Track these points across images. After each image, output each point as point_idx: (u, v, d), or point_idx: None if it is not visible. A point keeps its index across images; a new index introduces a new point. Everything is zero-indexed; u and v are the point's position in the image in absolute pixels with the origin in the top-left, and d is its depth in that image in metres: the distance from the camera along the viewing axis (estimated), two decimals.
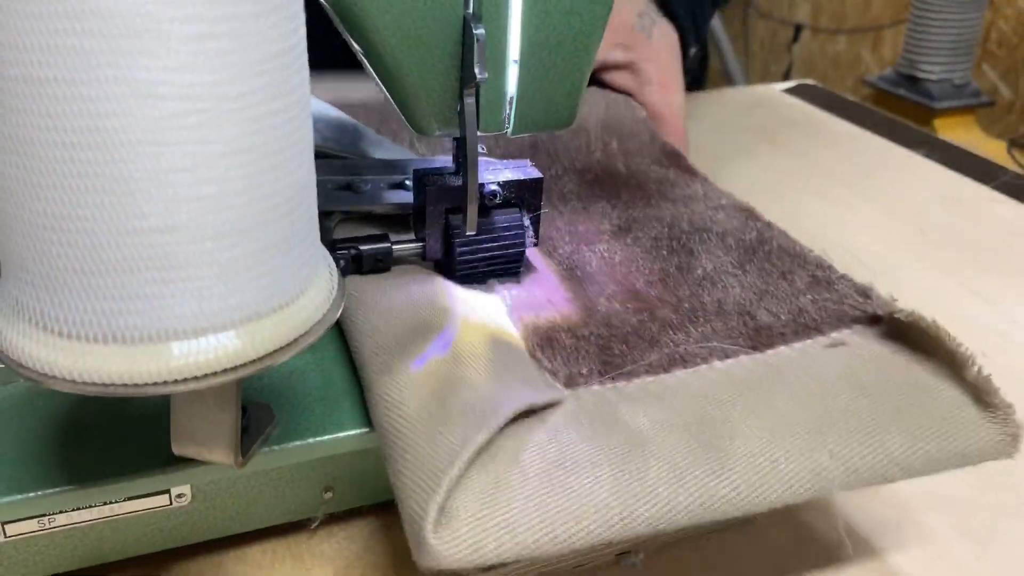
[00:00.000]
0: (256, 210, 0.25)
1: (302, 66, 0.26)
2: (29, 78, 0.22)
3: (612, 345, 0.37)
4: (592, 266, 0.44)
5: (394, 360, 0.35)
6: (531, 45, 0.38)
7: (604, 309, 0.40)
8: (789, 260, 0.44)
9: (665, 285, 0.42)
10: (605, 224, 0.48)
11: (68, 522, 0.33)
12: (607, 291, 0.41)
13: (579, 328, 0.39)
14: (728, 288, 0.42)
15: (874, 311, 0.38)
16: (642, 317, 0.39)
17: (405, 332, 0.37)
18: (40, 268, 0.24)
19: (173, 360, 0.25)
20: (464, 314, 0.38)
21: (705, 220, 0.49)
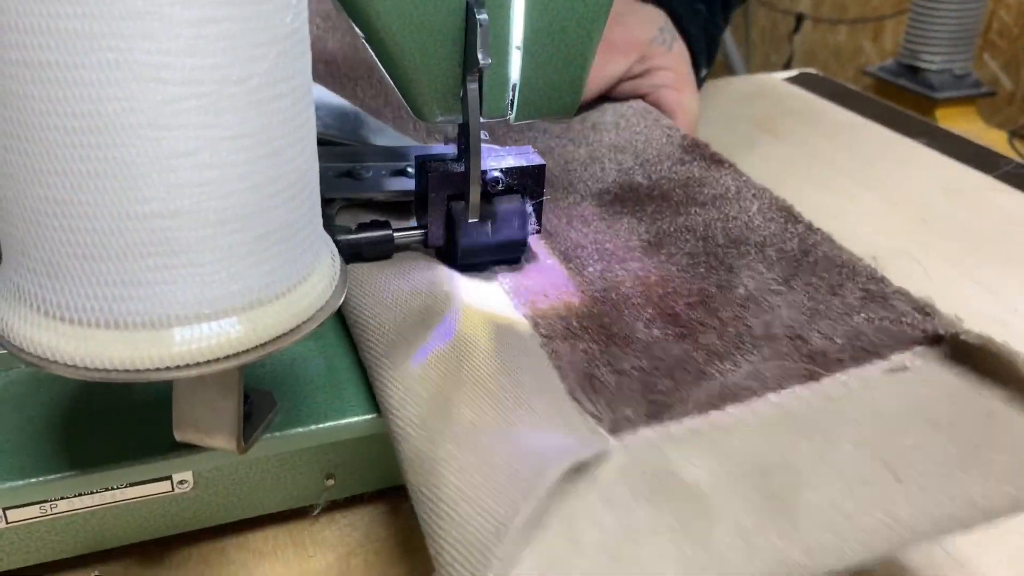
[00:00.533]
0: (258, 195, 0.25)
1: (304, 50, 0.26)
2: (30, 62, 0.22)
3: (656, 380, 0.34)
4: (627, 286, 0.41)
5: (396, 352, 0.35)
6: (534, 31, 0.37)
7: (644, 336, 0.37)
8: (837, 272, 0.41)
9: (707, 307, 0.39)
10: (634, 240, 0.46)
11: (70, 508, 0.33)
12: (645, 315, 0.39)
13: (585, 317, 0.38)
14: (774, 308, 0.39)
15: (935, 330, 0.36)
16: (685, 345, 0.37)
17: (406, 320, 0.37)
18: (41, 253, 0.24)
19: (175, 346, 0.25)
20: (466, 301, 0.38)
21: (741, 228, 0.46)
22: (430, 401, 0.33)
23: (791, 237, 0.45)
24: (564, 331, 0.37)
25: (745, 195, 0.50)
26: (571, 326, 0.38)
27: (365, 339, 0.37)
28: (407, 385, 0.34)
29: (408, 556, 0.36)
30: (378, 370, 0.35)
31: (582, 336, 0.37)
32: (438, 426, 0.32)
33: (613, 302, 0.40)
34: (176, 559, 0.36)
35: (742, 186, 0.51)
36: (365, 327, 0.37)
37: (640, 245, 0.45)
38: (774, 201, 0.48)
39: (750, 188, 0.50)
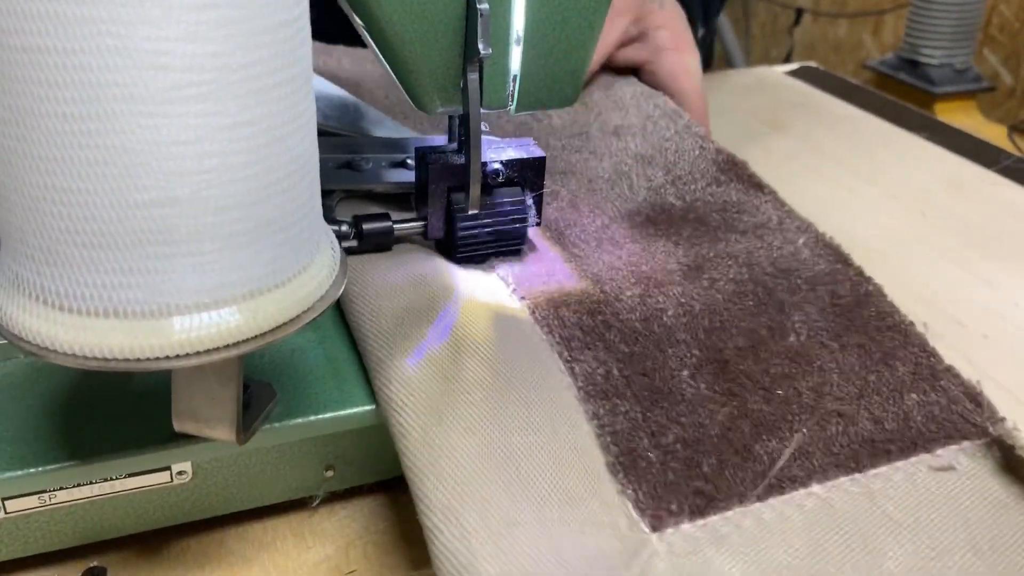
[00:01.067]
0: (258, 184, 0.25)
1: (305, 38, 0.26)
2: (30, 47, 0.21)
3: (701, 458, 0.33)
4: (670, 315, 0.39)
5: (393, 345, 0.35)
6: (535, 21, 0.37)
7: (690, 393, 0.35)
8: (890, 337, 0.39)
9: (756, 355, 0.37)
10: (672, 263, 0.43)
11: (69, 498, 0.33)
12: (691, 358, 0.37)
13: (626, 360, 0.37)
14: (826, 371, 0.37)
15: (985, 425, 0.35)
16: (732, 408, 0.35)
17: (405, 314, 0.37)
18: (40, 241, 0.24)
19: (174, 335, 0.25)
20: (465, 295, 0.38)
21: (788, 259, 0.44)
22: (428, 400, 0.33)
23: (843, 280, 0.42)
24: (603, 381, 0.36)
25: (788, 226, 0.47)
26: (611, 374, 0.36)
27: (363, 331, 0.37)
28: (405, 379, 0.34)
29: (407, 547, 0.36)
30: (376, 364, 0.35)
31: (624, 393, 0.35)
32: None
33: (656, 338, 0.38)
34: (175, 550, 0.36)
35: (784, 216, 0.47)
36: (363, 319, 0.37)
37: (679, 269, 0.42)
38: (820, 237, 0.46)
39: (794, 220, 0.47)
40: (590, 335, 0.38)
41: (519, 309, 0.38)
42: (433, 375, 0.34)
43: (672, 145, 0.54)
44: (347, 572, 0.35)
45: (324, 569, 0.35)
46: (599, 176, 0.52)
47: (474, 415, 0.33)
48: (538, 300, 0.39)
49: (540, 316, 0.38)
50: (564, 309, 0.39)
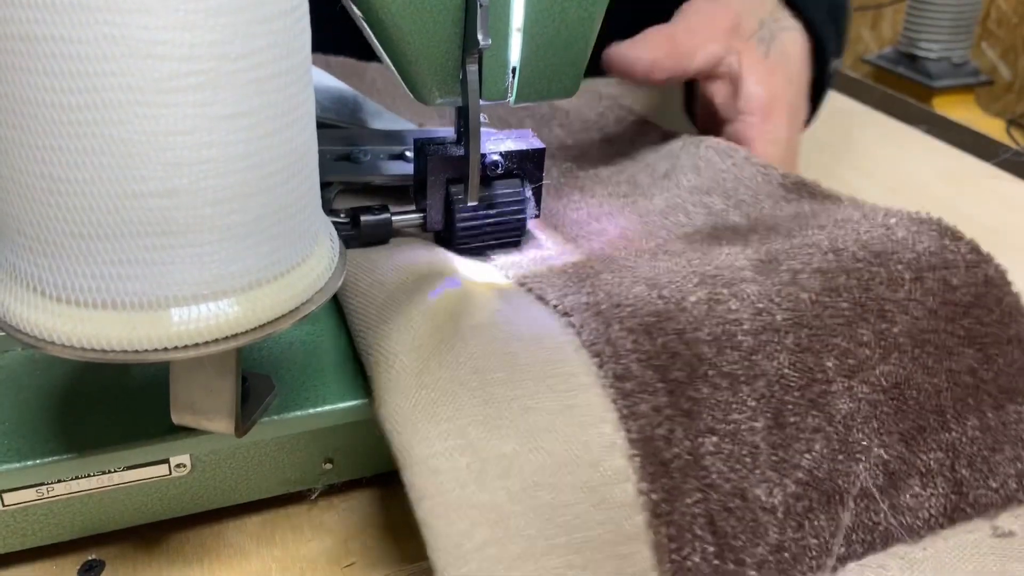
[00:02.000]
0: (257, 175, 0.25)
1: (304, 28, 0.26)
2: (27, 36, 0.21)
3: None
4: (746, 329, 0.32)
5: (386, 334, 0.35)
6: (535, 13, 0.37)
7: (766, 502, 0.30)
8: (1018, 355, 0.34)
9: (851, 391, 0.32)
10: (741, 260, 0.36)
11: (67, 491, 0.33)
12: (790, 391, 0.31)
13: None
14: (950, 432, 0.32)
15: None
16: (835, 463, 0.31)
17: (400, 300, 0.36)
18: (38, 232, 0.24)
19: (172, 326, 0.25)
20: (466, 277, 0.38)
21: (881, 240, 0.36)
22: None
23: (954, 262, 0.36)
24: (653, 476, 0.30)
25: (874, 215, 0.39)
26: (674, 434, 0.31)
27: (357, 320, 0.36)
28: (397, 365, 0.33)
29: (406, 540, 0.36)
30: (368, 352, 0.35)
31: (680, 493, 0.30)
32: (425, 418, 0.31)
33: (731, 376, 0.32)
34: (173, 543, 0.36)
35: (868, 210, 0.41)
36: (358, 310, 0.37)
37: (751, 265, 0.36)
38: (915, 214, 0.39)
39: (879, 210, 0.40)
40: (650, 368, 0.31)
41: (508, 284, 0.38)
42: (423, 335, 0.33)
43: (730, 175, 0.48)
44: (346, 564, 0.35)
45: (323, 562, 0.35)
46: (650, 210, 0.47)
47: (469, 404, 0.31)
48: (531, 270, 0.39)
49: (587, 339, 0.32)
50: (616, 326, 0.32)
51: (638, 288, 0.34)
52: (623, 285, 0.34)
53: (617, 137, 0.57)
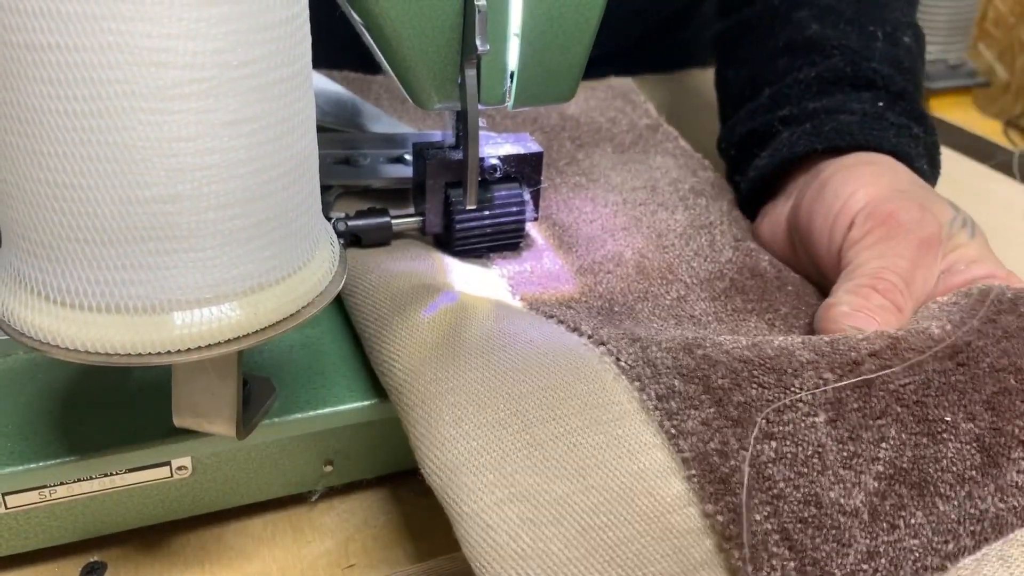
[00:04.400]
0: (259, 180, 0.25)
1: (304, 36, 0.26)
2: (31, 44, 0.21)
3: None
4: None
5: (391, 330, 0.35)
6: (532, 18, 0.37)
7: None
8: None
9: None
10: (803, 354, 0.32)
11: (69, 494, 0.33)
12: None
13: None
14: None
15: None
16: (918, 448, 0.28)
17: (403, 300, 0.37)
18: (42, 238, 0.24)
19: (175, 330, 0.25)
20: (466, 288, 0.38)
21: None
22: (398, 312, 0.32)
23: None
24: (550, 299, 0.32)
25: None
26: (557, 299, 0.33)
27: (361, 320, 0.37)
28: (405, 360, 0.33)
29: (406, 541, 0.36)
30: (375, 346, 0.35)
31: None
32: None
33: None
34: (175, 545, 0.36)
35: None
36: (361, 310, 0.37)
37: (818, 361, 0.31)
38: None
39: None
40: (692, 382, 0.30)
41: (519, 307, 0.38)
42: (431, 345, 0.33)
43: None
44: (346, 566, 0.35)
45: (323, 563, 0.35)
46: (670, 230, 0.44)
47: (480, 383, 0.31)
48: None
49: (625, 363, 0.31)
50: (654, 348, 0.32)
51: (550, 250, 0.37)
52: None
53: (631, 144, 0.54)
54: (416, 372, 0.32)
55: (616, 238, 0.44)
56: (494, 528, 0.27)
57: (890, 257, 0.40)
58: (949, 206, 0.44)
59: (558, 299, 0.39)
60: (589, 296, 0.39)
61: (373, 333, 0.36)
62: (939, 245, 0.41)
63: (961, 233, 0.42)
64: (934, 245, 0.41)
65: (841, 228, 0.41)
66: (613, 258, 0.42)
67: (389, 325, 0.35)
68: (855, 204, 0.42)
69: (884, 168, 0.45)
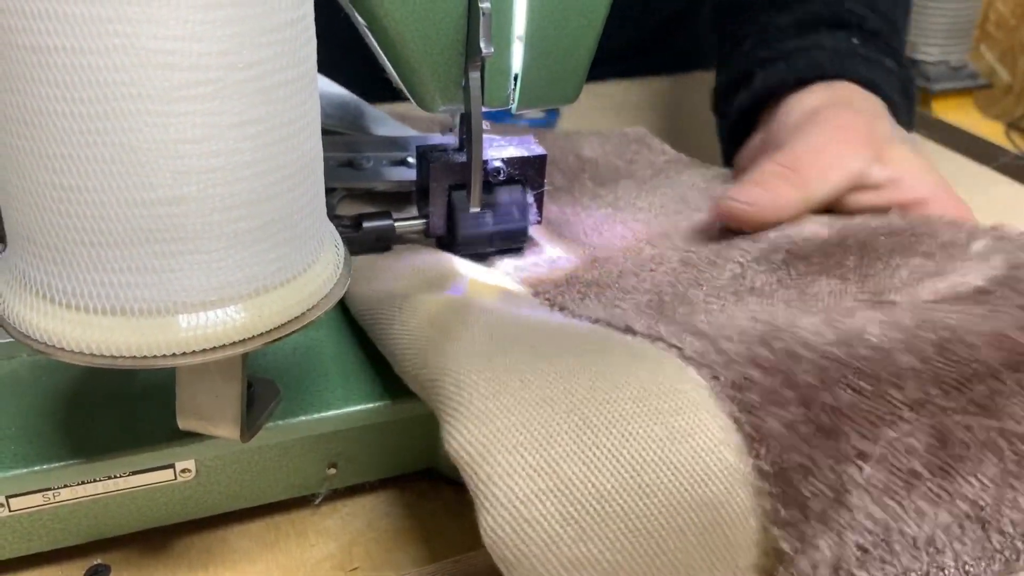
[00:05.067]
0: (264, 182, 0.25)
1: (310, 38, 0.26)
2: (37, 47, 0.21)
3: None
4: (874, 325, 0.27)
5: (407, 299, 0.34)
6: (536, 20, 0.37)
7: None
8: None
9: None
10: (848, 300, 0.31)
11: (72, 496, 0.33)
12: (950, 393, 0.26)
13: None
14: None
15: None
16: (1004, 490, 0.25)
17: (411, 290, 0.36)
18: (48, 240, 0.24)
19: (180, 333, 0.25)
20: (471, 277, 0.38)
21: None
22: (456, 342, 0.29)
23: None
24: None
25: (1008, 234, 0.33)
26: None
27: (367, 318, 0.37)
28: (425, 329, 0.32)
29: (410, 544, 0.36)
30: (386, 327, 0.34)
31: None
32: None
33: None
34: (178, 547, 0.36)
35: (977, 232, 0.35)
36: (366, 310, 0.37)
37: (863, 307, 0.30)
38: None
39: (993, 230, 0.35)
40: (772, 374, 0.27)
41: (523, 291, 0.38)
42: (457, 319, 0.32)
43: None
44: (350, 569, 0.35)
45: (327, 567, 0.35)
46: (711, 226, 0.42)
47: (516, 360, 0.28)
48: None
49: (692, 352, 0.28)
50: (723, 340, 0.28)
51: (558, 250, 0.37)
52: (719, 321, 0.30)
53: (651, 176, 0.52)
54: (440, 346, 0.29)
55: (654, 243, 0.42)
56: (531, 524, 0.24)
57: (801, 136, 0.44)
58: (892, 125, 0.46)
59: (597, 290, 0.37)
60: (636, 291, 0.36)
61: (384, 315, 0.34)
62: (865, 139, 0.43)
63: (903, 147, 0.45)
64: (854, 132, 0.43)
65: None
66: (654, 259, 0.40)
67: (403, 304, 0.33)
68: (793, 118, 0.45)
69: (844, 92, 0.47)
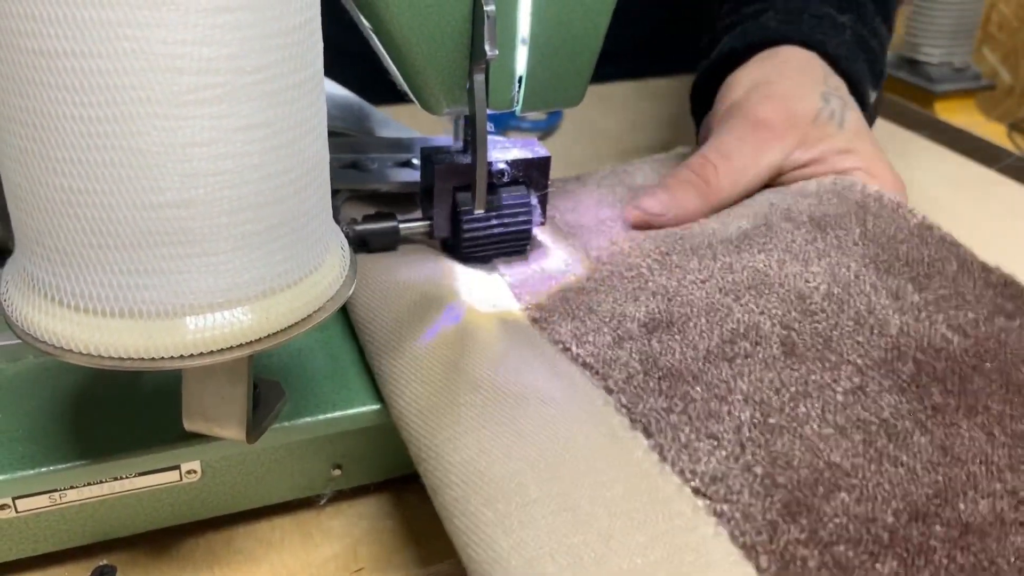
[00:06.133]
0: (271, 185, 0.25)
1: (316, 42, 0.26)
2: (46, 51, 0.22)
3: None
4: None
5: (394, 342, 0.35)
6: (541, 23, 0.37)
7: None
8: None
9: None
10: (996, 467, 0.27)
11: (78, 497, 0.33)
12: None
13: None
14: None
15: None
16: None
17: (407, 314, 0.37)
18: (56, 243, 0.24)
19: (188, 335, 0.25)
20: (469, 301, 0.38)
21: None
22: (430, 389, 0.33)
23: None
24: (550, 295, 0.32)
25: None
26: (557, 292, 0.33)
27: (365, 329, 0.37)
28: (406, 375, 0.34)
29: (414, 546, 0.36)
30: (378, 360, 0.35)
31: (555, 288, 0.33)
32: (439, 415, 0.31)
33: None
34: (184, 548, 0.36)
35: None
36: (365, 318, 0.37)
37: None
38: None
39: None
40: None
41: (520, 314, 0.38)
42: (433, 368, 0.34)
43: (910, 249, 0.36)
44: (354, 570, 0.35)
45: (332, 567, 0.35)
46: (811, 288, 0.33)
47: (476, 413, 0.32)
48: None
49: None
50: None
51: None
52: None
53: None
54: (433, 427, 0.31)
55: (743, 302, 0.33)
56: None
57: (714, 138, 0.44)
58: (820, 98, 0.46)
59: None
60: (727, 443, 0.28)
61: (376, 357, 0.36)
62: (784, 127, 0.44)
63: (829, 124, 0.45)
64: (771, 129, 0.44)
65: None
66: (749, 331, 0.31)
67: (391, 351, 0.35)
68: (726, 104, 0.46)
69: (777, 61, 0.48)
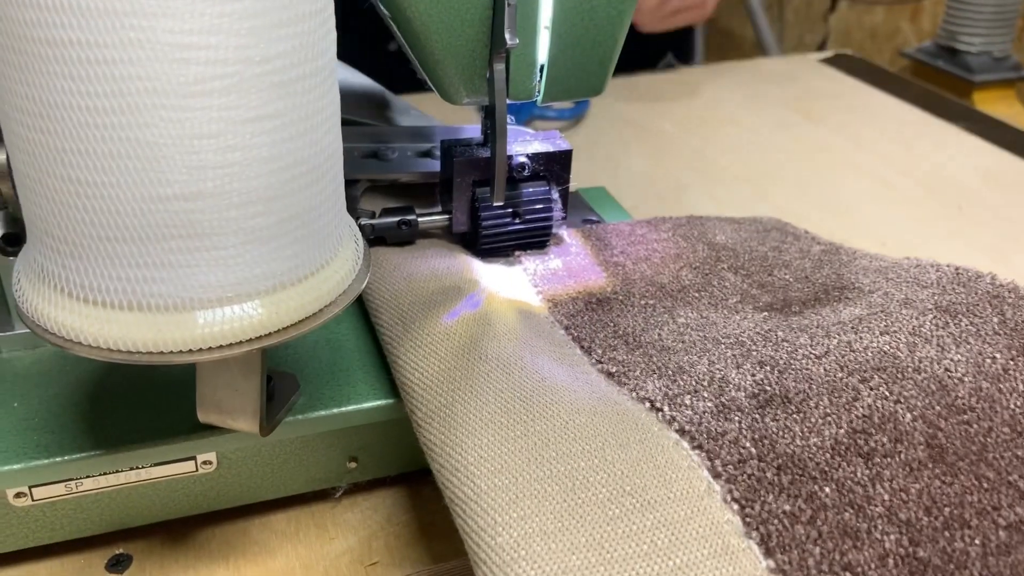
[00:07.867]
0: (282, 178, 0.25)
1: (329, 31, 0.26)
2: (53, 40, 0.21)
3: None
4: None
5: (409, 337, 0.35)
6: (563, 11, 0.37)
7: None
8: None
9: None
10: None
11: (95, 487, 0.33)
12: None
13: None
14: None
15: None
16: None
17: (423, 306, 0.36)
18: (65, 234, 0.24)
19: (197, 329, 0.25)
20: (490, 288, 0.38)
21: None
22: (444, 379, 0.32)
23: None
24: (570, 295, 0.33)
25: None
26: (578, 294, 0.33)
27: (383, 318, 0.37)
28: (420, 354, 0.34)
29: (429, 540, 0.36)
30: (393, 346, 0.35)
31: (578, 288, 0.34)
32: (454, 406, 0.31)
33: None
34: (199, 539, 0.36)
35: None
36: (381, 312, 0.37)
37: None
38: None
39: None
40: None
41: (539, 307, 0.38)
42: (449, 348, 0.34)
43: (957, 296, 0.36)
44: (369, 564, 0.35)
45: (346, 560, 0.35)
46: (948, 385, 0.30)
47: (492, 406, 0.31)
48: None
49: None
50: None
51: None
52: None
53: (813, 269, 0.42)
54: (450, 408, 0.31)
55: (872, 384, 0.30)
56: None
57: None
58: None
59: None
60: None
61: (391, 342, 0.35)
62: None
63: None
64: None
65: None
66: (885, 421, 0.29)
67: (407, 340, 0.35)
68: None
69: None
